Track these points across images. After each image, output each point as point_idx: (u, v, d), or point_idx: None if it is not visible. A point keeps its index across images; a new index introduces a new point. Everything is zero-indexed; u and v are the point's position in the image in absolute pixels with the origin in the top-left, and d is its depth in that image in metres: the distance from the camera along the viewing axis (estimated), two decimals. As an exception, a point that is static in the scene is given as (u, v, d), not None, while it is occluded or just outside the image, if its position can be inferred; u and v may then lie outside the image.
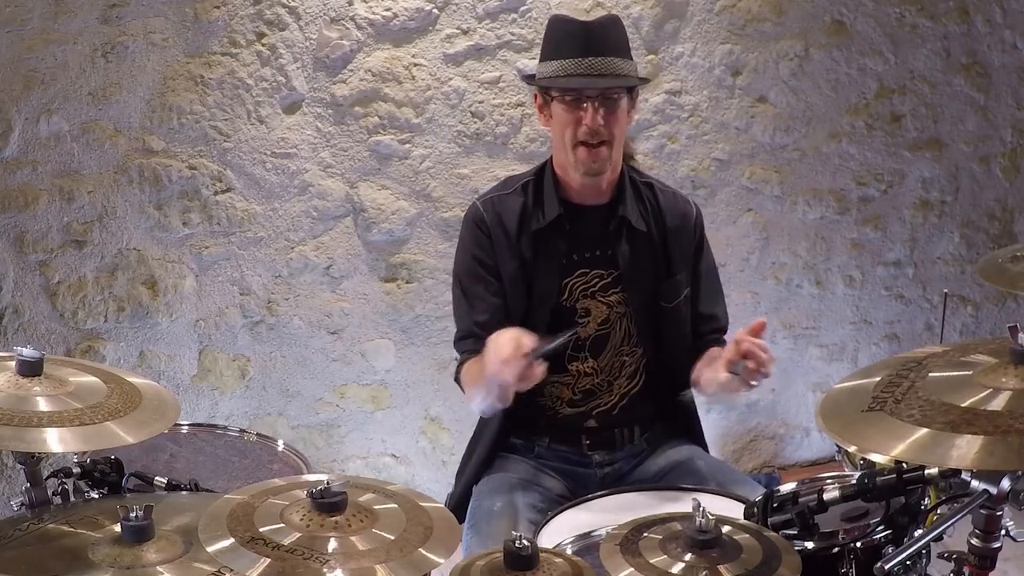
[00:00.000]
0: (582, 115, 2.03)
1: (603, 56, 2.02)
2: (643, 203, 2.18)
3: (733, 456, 3.72)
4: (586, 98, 2.03)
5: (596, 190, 2.14)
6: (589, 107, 2.02)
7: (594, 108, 2.02)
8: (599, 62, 2.02)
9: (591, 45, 2.03)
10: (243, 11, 2.94)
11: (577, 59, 2.02)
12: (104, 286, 3.01)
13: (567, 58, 2.03)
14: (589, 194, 2.14)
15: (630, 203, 2.15)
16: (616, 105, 2.05)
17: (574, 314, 2.14)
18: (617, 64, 2.03)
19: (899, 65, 3.56)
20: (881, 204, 3.68)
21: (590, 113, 2.02)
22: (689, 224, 2.21)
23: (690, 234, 2.22)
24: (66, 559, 1.38)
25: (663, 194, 2.22)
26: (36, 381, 1.57)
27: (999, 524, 1.35)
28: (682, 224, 2.20)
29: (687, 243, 2.21)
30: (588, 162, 2.06)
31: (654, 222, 2.18)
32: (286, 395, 3.23)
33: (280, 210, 3.11)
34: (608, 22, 2.09)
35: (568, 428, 2.19)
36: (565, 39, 2.06)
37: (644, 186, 2.21)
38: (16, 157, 2.87)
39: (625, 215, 2.13)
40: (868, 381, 1.47)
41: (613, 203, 2.15)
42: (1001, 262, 2.14)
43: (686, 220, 2.21)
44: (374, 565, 1.27)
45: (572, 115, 2.05)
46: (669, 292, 2.18)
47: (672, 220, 2.19)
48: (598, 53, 2.02)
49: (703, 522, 1.38)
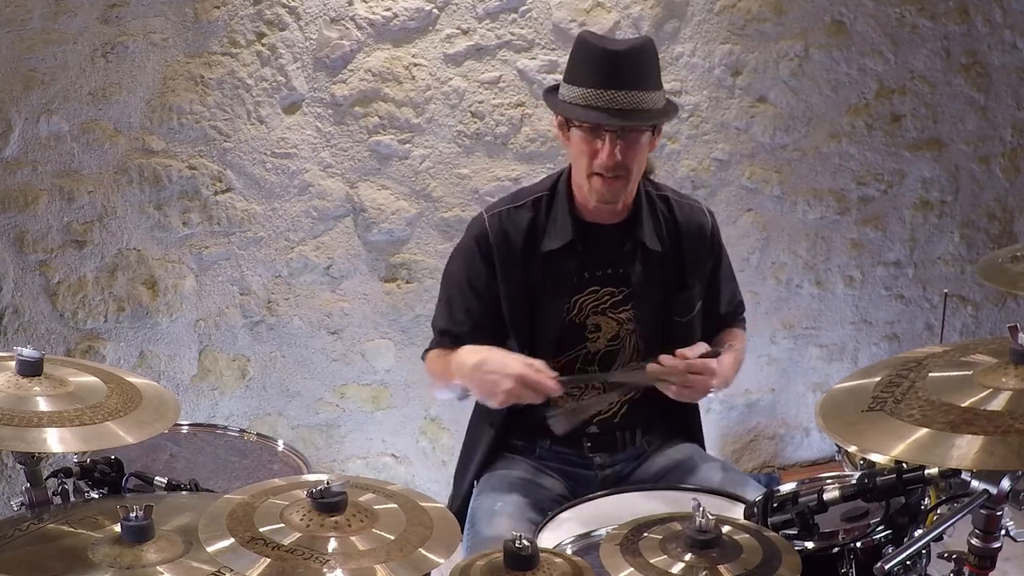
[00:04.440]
0: (598, 147, 1.96)
1: (627, 90, 1.91)
2: (658, 219, 2.14)
3: (733, 456, 3.72)
4: (605, 131, 1.95)
5: (611, 211, 2.09)
6: (607, 141, 1.95)
7: (612, 143, 1.94)
8: (622, 96, 1.91)
9: (616, 76, 1.92)
10: (243, 11, 2.94)
11: (599, 90, 1.92)
12: (104, 286, 3.01)
13: (589, 87, 1.93)
14: (604, 215, 2.10)
15: (646, 223, 2.11)
16: (636, 140, 1.97)
17: (584, 330, 2.12)
18: (641, 98, 1.93)
19: (899, 65, 3.56)
20: (881, 204, 3.68)
21: (607, 149, 1.95)
22: (706, 235, 2.19)
23: (707, 245, 2.19)
24: (66, 559, 1.38)
25: (679, 206, 2.17)
26: (36, 381, 1.57)
27: (999, 524, 1.35)
28: (698, 237, 2.17)
29: (704, 255, 2.19)
30: (602, 192, 2.01)
31: (669, 238, 2.14)
32: (286, 395, 3.23)
33: (280, 210, 3.11)
34: (637, 50, 1.95)
35: (569, 433, 2.18)
36: (589, 65, 1.96)
37: (660, 200, 2.17)
38: (16, 157, 2.87)
39: (641, 238, 2.10)
40: (868, 381, 1.47)
41: (628, 223, 2.11)
42: (1001, 262, 2.14)
43: (702, 232, 2.18)
44: (374, 565, 1.27)
45: (589, 146, 1.98)
46: (682, 306, 2.16)
47: (688, 235, 2.16)
48: (622, 86, 1.91)
49: (703, 522, 1.38)
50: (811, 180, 3.58)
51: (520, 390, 1.91)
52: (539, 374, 1.92)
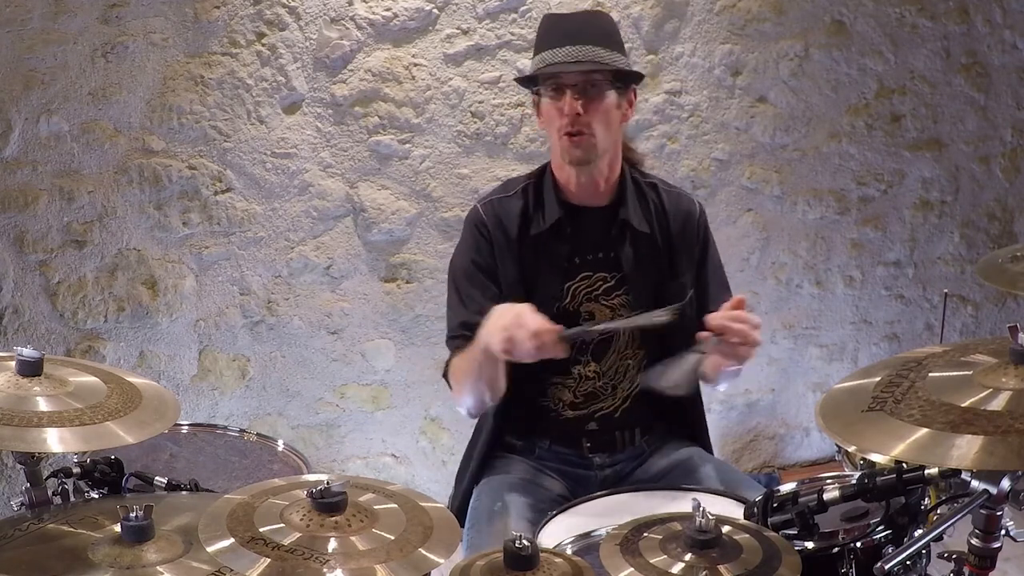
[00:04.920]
0: (563, 105, 2.02)
1: (583, 44, 2.01)
2: (646, 204, 2.16)
3: (733, 456, 3.72)
4: (566, 86, 2.02)
5: (594, 191, 2.11)
6: (568, 95, 2.01)
7: (573, 97, 2.01)
8: (578, 50, 2.00)
9: (571, 34, 2.02)
10: (243, 11, 2.94)
11: (556, 48, 2.02)
12: (104, 286, 3.01)
13: (547, 49, 2.03)
14: (588, 195, 2.12)
15: (632, 205, 2.13)
16: (599, 94, 2.03)
17: (578, 317, 2.13)
18: (599, 52, 2.01)
19: (899, 65, 3.56)
20: (881, 204, 3.68)
21: (568, 101, 2.01)
22: (693, 223, 2.20)
23: (694, 233, 2.20)
24: (66, 559, 1.38)
25: (667, 194, 2.19)
26: (36, 381, 1.57)
27: (999, 524, 1.35)
28: (686, 224, 2.18)
29: (692, 243, 2.19)
30: (570, 151, 2.04)
31: (658, 224, 2.16)
32: (286, 395, 3.23)
33: (280, 210, 3.11)
34: (592, 13, 2.12)
35: (569, 430, 2.18)
36: (548, 32, 2.08)
37: (648, 187, 2.19)
38: (16, 157, 2.87)
39: (627, 218, 2.12)
40: (868, 381, 1.47)
41: (614, 205, 2.14)
42: (1001, 262, 2.13)
43: (690, 219, 2.19)
44: (374, 565, 1.27)
45: (555, 106, 2.04)
46: (674, 294, 2.15)
47: (676, 221, 2.17)
48: (578, 41, 2.01)
49: (703, 522, 1.38)
50: (811, 180, 3.58)
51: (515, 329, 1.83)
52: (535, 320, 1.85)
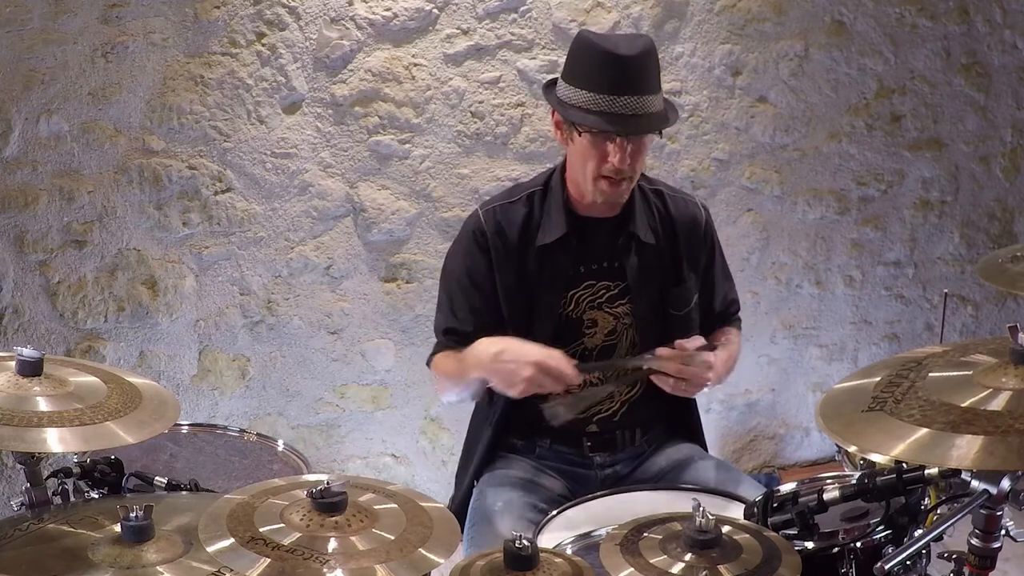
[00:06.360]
0: (608, 152, 1.96)
1: (635, 95, 1.92)
2: (652, 213, 2.15)
3: (733, 456, 3.72)
4: (615, 135, 1.95)
5: (607, 207, 2.10)
6: (618, 147, 1.95)
7: (622, 148, 1.94)
8: (633, 102, 1.92)
9: (626, 83, 1.91)
10: (243, 11, 2.94)
11: (611, 96, 1.91)
12: (104, 286, 3.01)
13: (599, 92, 1.92)
14: (598, 209, 2.10)
15: (640, 216, 2.12)
16: (644, 143, 2.00)
17: (581, 325, 2.13)
18: (648, 102, 1.93)
19: (899, 65, 3.56)
20: (881, 204, 3.68)
21: (618, 155, 1.95)
22: (699, 229, 2.19)
23: (700, 239, 2.20)
24: (66, 559, 1.38)
25: (673, 201, 2.18)
26: (36, 381, 1.57)
27: (999, 524, 1.35)
28: (692, 230, 2.18)
29: (697, 248, 2.19)
30: (609, 194, 2.02)
31: (663, 231, 2.15)
32: (286, 395, 3.23)
33: (280, 210, 3.11)
34: (644, 53, 1.94)
35: (569, 432, 2.18)
36: (597, 69, 1.94)
37: (653, 194, 2.18)
38: (16, 157, 2.87)
39: (634, 230, 2.11)
40: (868, 381, 1.47)
41: (622, 217, 2.12)
42: (1001, 262, 2.13)
43: (695, 225, 2.19)
44: (374, 565, 1.27)
45: (598, 150, 1.97)
46: (678, 300, 2.16)
47: (682, 228, 2.17)
48: (630, 91, 1.91)
49: (703, 522, 1.38)
50: (811, 180, 3.58)
51: (540, 377, 1.89)
52: (558, 361, 1.91)
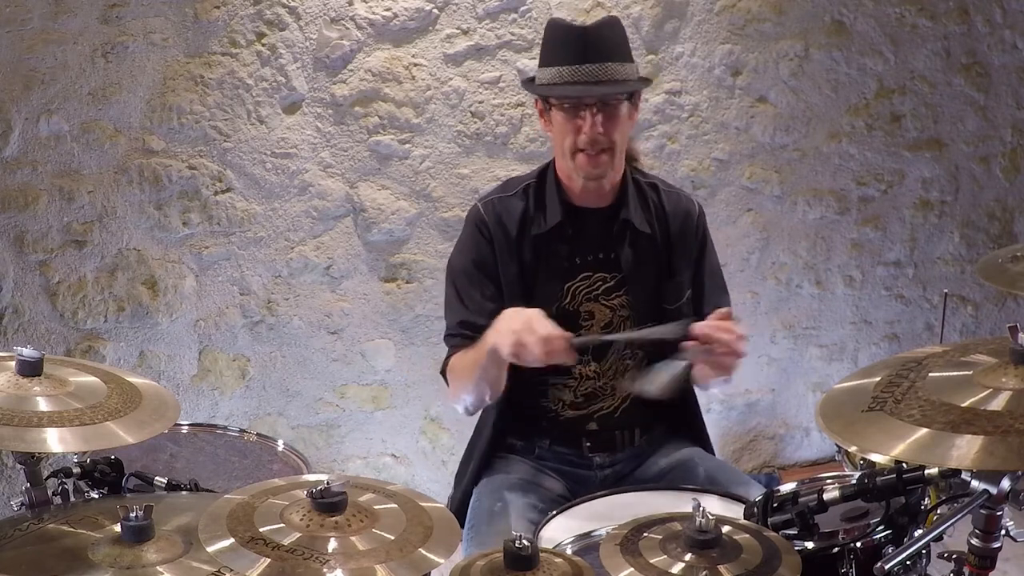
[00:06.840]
0: (581, 123, 2.01)
1: (601, 62, 1.99)
2: (647, 205, 2.17)
3: (733, 456, 3.72)
4: (584, 105, 2.00)
5: (599, 193, 2.12)
6: (588, 115, 2.00)
7: (593, 116, 1.99)
8: (597, 68, 1.99)
9: (589, 50, 1.99)
10: (243, 11, 2.94)
11: (574, 65, 1.99)
12: (104, 286, 3.01)
13: (564, 64, 2.00)
14: (592, 197, 2.12)
15: (633, 206, 2.14)
16: (616, 111, 2.03)
17: (578, 317, 2.13)
18: (616, 69, 2.00)
19: (899, 65, 3.56)
20: (881, 204, 3.68)
21: (588, 121, 2.00)
22: (692, 223, 2.20)
23: (692, 231, 2.20)
24: (66, 559, 1.38)
25: (667, 195, 2.20)
26: (36, 381, 1.57)
27: (999, 524, 1.35)
28: (684, 222, 2.19)
29: (690, 243, 2.20)
30: (588, 168, 2.05)
31: (658, 223, 2.17)
32: (286, 395, 3.23)
33: (280, 210, 3.11)
34: (606, 25, 2.06)
35: (569, 430, 2.18)
36: (562, 44, 2.03)
37: (648, 187, 2.19)
38: (16, 157, 2.87)
39: (628, 218, 2.12)
40: (868, 381, 1.47)
41: (616, 206, 2.14)
42: (1001, 262, 2.13)
43: (688, 219, 2.20)
44: (374, 565, 1.27)
45: (571, 123, 2.02)
46: (671, 294, 2.17)
47: (675, 221, 2.18)
48: (596, 59, 1.99)
49: (703, 522, 1.38)
50: (811, 180, 3.58)
51: (526, 334, 1.84)
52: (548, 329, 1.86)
